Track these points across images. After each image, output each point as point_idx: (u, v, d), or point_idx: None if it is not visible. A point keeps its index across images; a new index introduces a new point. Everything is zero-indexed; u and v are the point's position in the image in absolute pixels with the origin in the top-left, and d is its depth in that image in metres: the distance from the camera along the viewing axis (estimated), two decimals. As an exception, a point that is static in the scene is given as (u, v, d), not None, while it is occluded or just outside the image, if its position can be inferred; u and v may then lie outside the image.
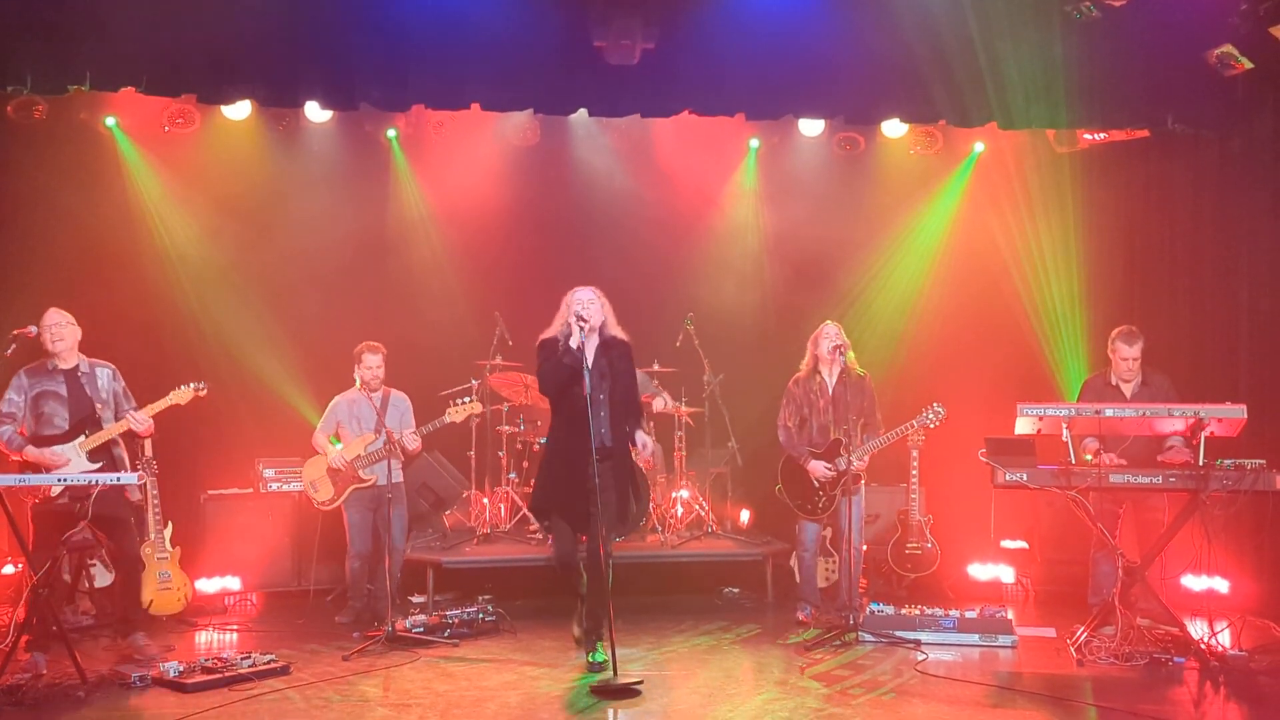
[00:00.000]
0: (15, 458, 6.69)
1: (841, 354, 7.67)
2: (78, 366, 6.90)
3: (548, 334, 6.71)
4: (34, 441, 6.70)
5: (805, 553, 7.95)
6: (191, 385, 7.10)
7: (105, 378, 6.97)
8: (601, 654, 6.53)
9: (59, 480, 6.46)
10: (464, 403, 7.94)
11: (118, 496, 6.87)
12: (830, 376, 7.78)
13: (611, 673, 6.19)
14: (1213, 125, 8.38)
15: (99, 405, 6.86)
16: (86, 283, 8.73)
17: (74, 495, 6.56)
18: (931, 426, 7.70)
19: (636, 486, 6.88)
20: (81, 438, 6.77)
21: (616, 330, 6.79)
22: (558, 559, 6.86)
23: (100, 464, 6.77)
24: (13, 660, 6.25)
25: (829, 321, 7.86)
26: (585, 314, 6.54)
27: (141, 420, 6.89)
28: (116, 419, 6.90)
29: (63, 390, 6.79)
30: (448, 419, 7.86)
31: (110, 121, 9.21)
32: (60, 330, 6.82)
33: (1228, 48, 7.84)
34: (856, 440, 7.64)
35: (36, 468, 6.61)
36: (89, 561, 7.74)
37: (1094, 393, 7.53)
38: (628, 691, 6.08)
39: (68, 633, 6.47)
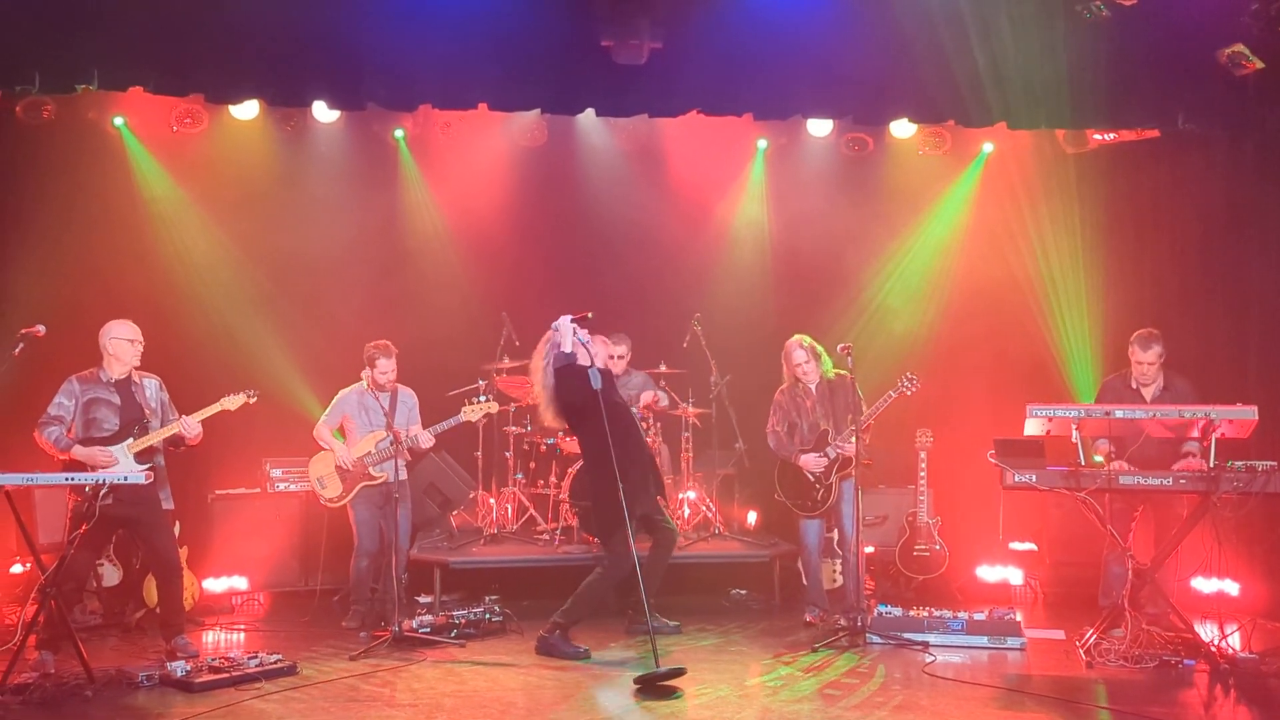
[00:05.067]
0: (62, 457, 6.73)
1: (814, 365, 7.74)
2: (129, 376, 6.99)
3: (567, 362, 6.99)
4: (83, 443, 6.74)
5: (809, 554, 7.94)
6: (244, 393, 7.17)
7: (153, 388, 7.08)
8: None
9: (66, 479, 6.47)
10: (480, 401, 7.95)
11: (156, 501, 6.93)
12: (811, 382, 7.81)
13: (654, 663, 6.23)
14: (1223, 125, 8.34)
15: (149, 412, 6.95)
16: (94, 282, 8.77)
17: (120, 498, 6.56)
18: (908, 394, 7.62)
19: None
20: (130, 440, 6.82)
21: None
22: (625, 572, 6.93)
23: (149, 466, 6.79)
24: (21, 659, 6.26)
25: (794, 338, 7.86)
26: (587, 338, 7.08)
27: (191, 426, 6.94)
28: (163, 427, 6.96)
29: (115, 398, 6.89)
30: (463, 417, 7.88)
31: (118, 121, 9.22)
32: (139, 347, 6.99)
33: (1239, 47, 7.80)
34: (857, 431, 7.59)
35: (82, 467, 6.64)
36: (97, 561, 7.75)
37: (1113, 394, 7.48)
38: (673, 675, 6.17)
39: (76, 632, 6.47)
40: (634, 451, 7.08)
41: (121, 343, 6.93)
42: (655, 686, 6.09)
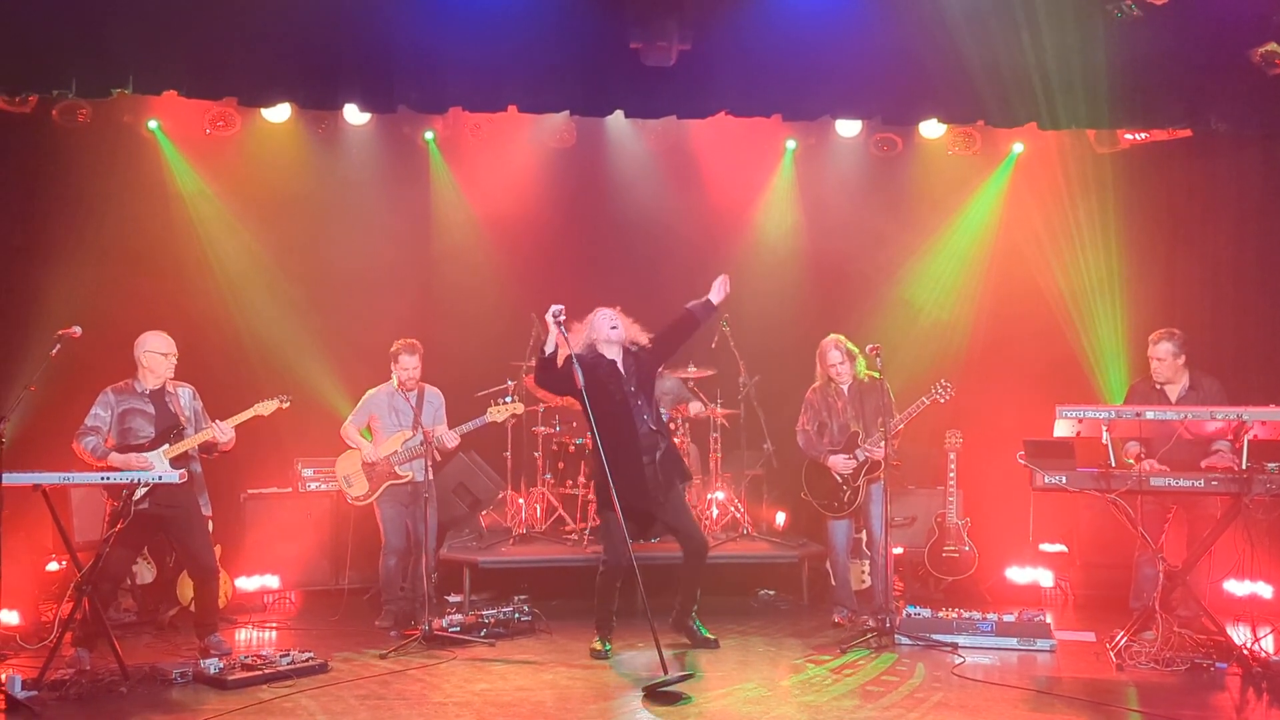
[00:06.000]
0: (100, 466, 6.83)
1: (848, 365, 7.73)
2: (164, 387, 7.09)
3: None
4: (119, 451, 6.85)
5: (837, 554, 7.94)
6: (277, 399, 7.25)
7: (186, 397, 7.18)
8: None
9: (102, 478, 6.57)
10: (507, 402, 7.99)
11: (193, 504, 7.01)
12: (844, 382, 7.81)
13: (663, 671, 6.19)
14: (1256, 125, 8.25)
15: (183, 420, 7.05)
16: (129, 283, 8.87)
17: (156, 500, 6.67)
18: (941, 401, 7.60)
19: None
20: (165, 445, 6.92)
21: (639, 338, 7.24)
22: (618, 561, 6.93)
23: (182, 471, 6.86)
24: (58, 656, 6.35)
25: (830, 337, 7.86)
26: (614, 324, 7.10)
27: (225, 430, 7.03)
28: (197, 434, 7.05)
29: (149, 408, 7.00)
30: (489, 418, 7.91)
31: (153, 125, 9.31)
32: (173, 361, 7.08)
33: (1271, 46, 7.74)
34: (887, 433, 7.58)
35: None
36: (133, 561, 7.84)
37: (1139, 397, 7.44)
38: (683, 678, 6.16)
39: (111, 629, 6.55)
40: (621, 439, 6.87)
41: (154, 355, 7.03)
42: (663, 692, 6.05)
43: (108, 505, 6.83)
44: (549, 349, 6.90)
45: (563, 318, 6.82)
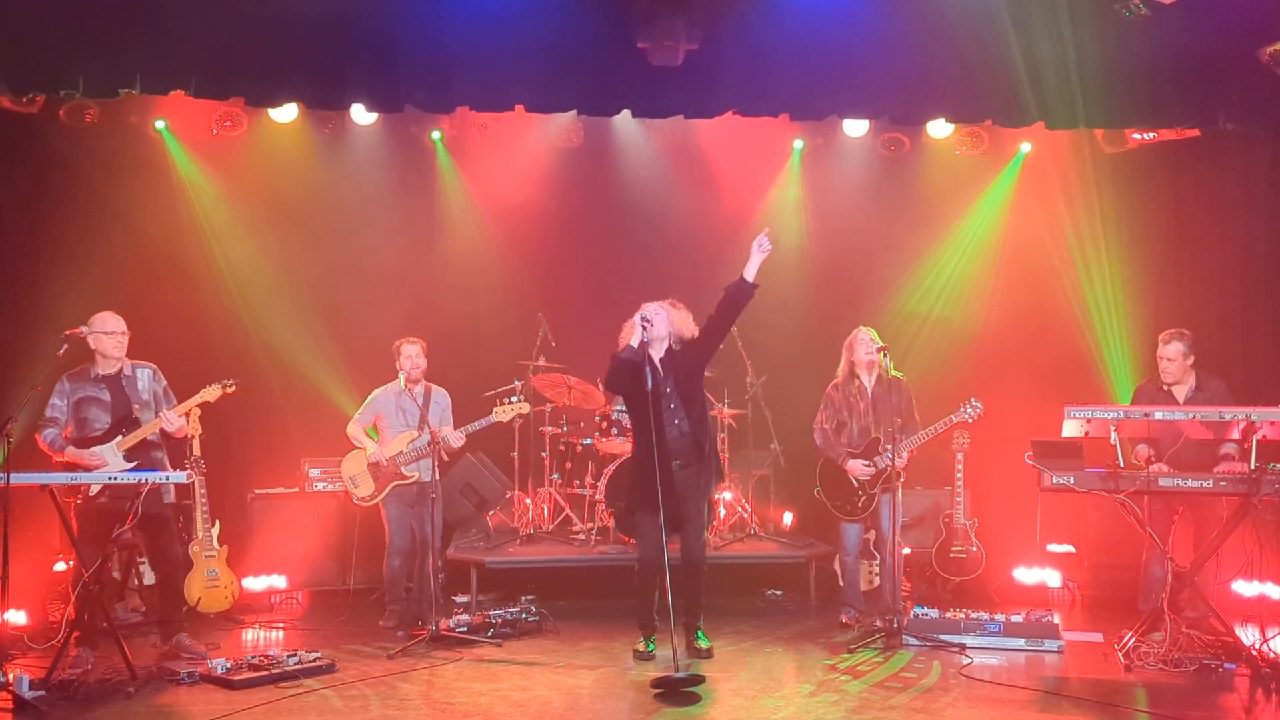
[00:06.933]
0: (58, 459, 6.79)
1: (876, 360, 7.67)
2: (120, 370, 7.00)
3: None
4: (75, 443, 6.80)
5: (848, 556, 7.92)
6: (220, 383, 7.14)
7: (145, 378, 7.07)
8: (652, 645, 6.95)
9: (109, 478, 6.56)
10: (512, 402, 7.98)
11: (156, 496, 6.91)
12: (869, 380, 7.76)
13: (674, 668, 6.17)
14: (1265, 124, 8.23)
15: (137, 406, 6.94)
16: (135, 283, 8.84)
17: (115, 494, 6.63)
18: (970, 421, 7.60)
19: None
20: (119, 437, 6.85)
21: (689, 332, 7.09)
22: (645, 558, 6.86)
23: (136, 463, 6.81)
24: (64, 656, 6.36)
25: (862, 327, 7.83)
26: (649, 318, 6.84)
27: (173, 420, 6.93)
28: (157, 416, 6.97)
29: (105, 395, 6.91)
30: (495, 418, 7.89)
31: (160, 124, 9.30)
32: (123, 339, 6.96)
33: (1280, 45, 7.74)
34: (896, 440, 7.57)
35: (77, 468, 6.70)
36: (138, 559, 7.85)
37: (1146, 398, 7.42)
38: (692, 680, 6.12)
39: (118, 629, 6.56)
40: (652, 439, 6.71)
41: (100, 337, 6.91)
42: (676, 691, 6.05)
43: (72, 502, 6.70)
44: (633, 344, 6.78)
45: (650, 323, 6.78)
